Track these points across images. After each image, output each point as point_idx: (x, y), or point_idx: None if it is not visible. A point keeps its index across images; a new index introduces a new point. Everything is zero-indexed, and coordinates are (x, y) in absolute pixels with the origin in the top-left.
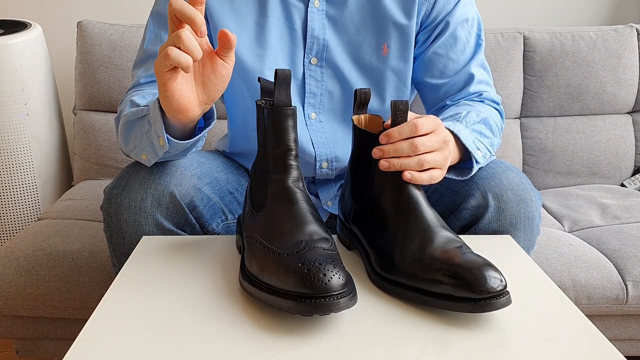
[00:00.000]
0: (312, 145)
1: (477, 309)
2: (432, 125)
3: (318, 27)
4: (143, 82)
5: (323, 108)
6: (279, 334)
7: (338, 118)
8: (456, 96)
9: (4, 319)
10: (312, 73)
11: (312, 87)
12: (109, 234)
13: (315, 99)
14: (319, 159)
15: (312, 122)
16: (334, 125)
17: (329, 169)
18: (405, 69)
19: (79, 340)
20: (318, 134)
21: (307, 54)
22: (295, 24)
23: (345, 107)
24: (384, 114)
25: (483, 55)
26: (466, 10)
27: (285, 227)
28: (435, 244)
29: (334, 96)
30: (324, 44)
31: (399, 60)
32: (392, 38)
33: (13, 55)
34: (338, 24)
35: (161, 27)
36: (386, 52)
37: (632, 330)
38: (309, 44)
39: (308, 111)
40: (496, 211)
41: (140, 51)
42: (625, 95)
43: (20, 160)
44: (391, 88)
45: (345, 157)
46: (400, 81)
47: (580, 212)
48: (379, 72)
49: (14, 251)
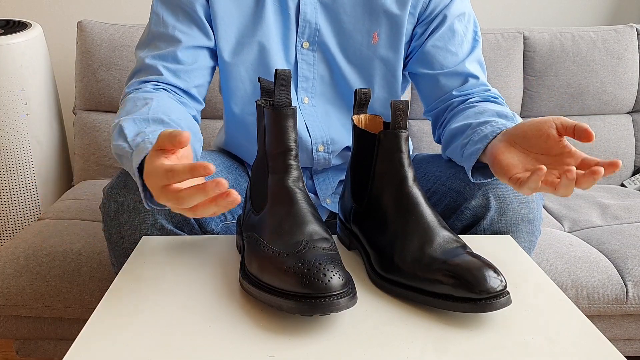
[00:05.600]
0: (307, 130)
1: (477, 309)
2: None
3: (310, 11)
4: (149, 62)
5: (315, 92)
6: (279, 334)
7: (330, 101)
8: (461, 88)
9: (4, 319)
10: (304, 57)
11: (305, 70)
12: (108, 234)
13: (308, 83)
14: (315, 142)
15: (306, 106)
16: (327, 108)
17: (325, 152)
18: (395, 58)
19: (79, 340)
20: (312, 118)
21: (299, 38)
22: (289, 8)
23: (337, 92)
24: (372, 103)
25: (480, 51)
26: (463, 5)
27: (285, 227)
28: (435, 244)
29: (325, 80)
30: (315, 28)
31: (388, 49)
32: (383, 27)
33: (13, 55)
34: (330, 10)
35: (165, 8)
36: (376, 41)
37: (632, 330)
38: (300, 27)
39: (301, 95)
40: (498, 211)
41: (146, 32)
42: (625, 95)
43: (20, 160)
44: (379, 77)
45: (340, 139)
46: (388, 71)
47: (580, 212)
48: (368, 60)
49: (14, 251)
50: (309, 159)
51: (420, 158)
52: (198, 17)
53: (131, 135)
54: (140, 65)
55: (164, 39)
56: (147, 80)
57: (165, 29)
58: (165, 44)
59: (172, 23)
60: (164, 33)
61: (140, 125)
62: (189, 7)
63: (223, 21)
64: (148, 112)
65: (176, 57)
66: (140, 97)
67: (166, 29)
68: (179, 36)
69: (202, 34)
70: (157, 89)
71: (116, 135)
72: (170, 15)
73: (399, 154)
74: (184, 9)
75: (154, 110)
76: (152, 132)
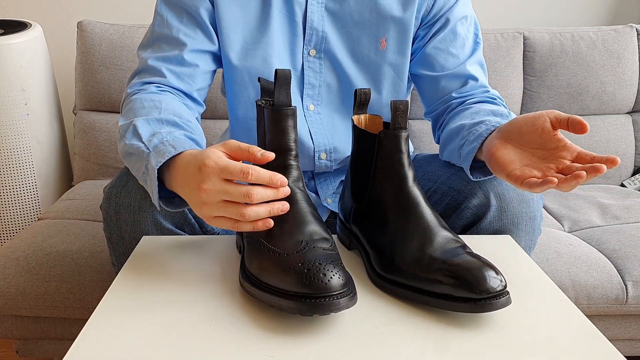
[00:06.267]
0: (311, 137)
1: (477, 309)
2: None
3: (317, 19)
4: (152, 64)
5: (321, 100)
6: (279, 334)
7: (336, 110)
8: (461, 90)
9: (4, 319)
10: (310, 64)
11: (311, 78)
12: (108, 234)
13: (314, 91)
14: (318, 149)
15: (311, 113)
16: (333, 117)
17: (327, 159)
18: (403, 62)
19: (79, 340)
20: (316, 125)
21: (306, 45)
22: (296, 15)
23: (344, 99)
24: (380, 108)
25: (481, 53)
26: (465, 8)
27: (285, 227)
28: (435, 244)
29: (332, 88)
30: (322, 35)
31: (396, 54)
32: (391, 32)
33: (13, 55)
34: (337, 17)
35: (170, 10)
36: (384, 46)
37: (632, 330)
38: (307, 35)
39: (306, 102)
40: (498, 210)
41: (149, 33)
42: (625, 95)
43: (20, 160)
44: (388, 82)
45: (343, 148)
46: (397, 75)
47: (580, 212)
48: (377, 66)
49: (14, 251)
50: (310, 164)
51: (420, 158)
52: (202, 20)
53: (147, 136)
54: (143, 66)
55: (167, 41)
56: (150, 82)
57: (169, 31)
58: (169, 46)
59: (177, 25)
60: (167, 35)
61: (155, 126)
62: (194, 10)
63: (228, 26)
64: (160, 113)
65: (180, 60)
66: (148, 98)
67: (170, 31)
68: (183, 39)
69: (206, 38)
70: (162, 91)
71: (130, 135)
72: (174, 18)
73: (399, 154)
74: (189, 12)
75: (165, 111)
76: (169, 134)
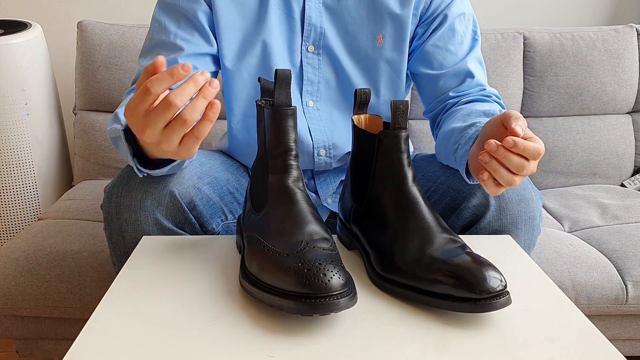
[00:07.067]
0: (310, 134)
1: (477, 309)
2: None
3: (315, 15)
4: None
5: (320, 96)
6: (279, 334)
7: (335, 106)
8: (458, 89)
9: (4, 319)
10: (309, 61)
11: (310, 74)
12: (109, 233)
13: (313, 87)
14: (317, 146)
15: (310, 109)
16: (332, 113)
17: (327, 156)
18: (400, 60)
19: (79, 340)
20: (315, 122)
21: (304, 42)
22: (294, 12)
23: (342, 95)
24: (377, 105)
25: (480, 50)
26: (463, 5)
27: (285, 227)
28: (435, 244)
29: (331, 84)
30: (320, 32)
31: (393, 51)
32: (388, 28)
33: (13, 55)
34: (335, 13)
35: (167, 16)
36: (381, 43)
37: (632, 330)
38: (306, 31)
39: (305, 99)
40: (497, 210)
41: (147, 40)
42: (625, 95)
43: (20, 160)
44: (385, 78)
45: (343, 144)
46: (394, 72)
47: (580, 212)
48: (373, 62)
49: (14, 251)
50: (310, 162)
51: (420, 158)
52: (200, 24)
53: (124, 119)
54: (140, 74)
55: (165, 47)
56: None
57: (167, 37)
58: (167, 52)
59: (174, 31)
60: (165, 41)
61: None
62: (191, 13)
63: (226, 27)
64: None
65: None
66: None
67: (168, 36)
68: (180, 44)
69: (204, 41)
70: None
71: (111, 122)
72: (172, 23)
73: (399, 154)
74: (186, 16)
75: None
76: None
